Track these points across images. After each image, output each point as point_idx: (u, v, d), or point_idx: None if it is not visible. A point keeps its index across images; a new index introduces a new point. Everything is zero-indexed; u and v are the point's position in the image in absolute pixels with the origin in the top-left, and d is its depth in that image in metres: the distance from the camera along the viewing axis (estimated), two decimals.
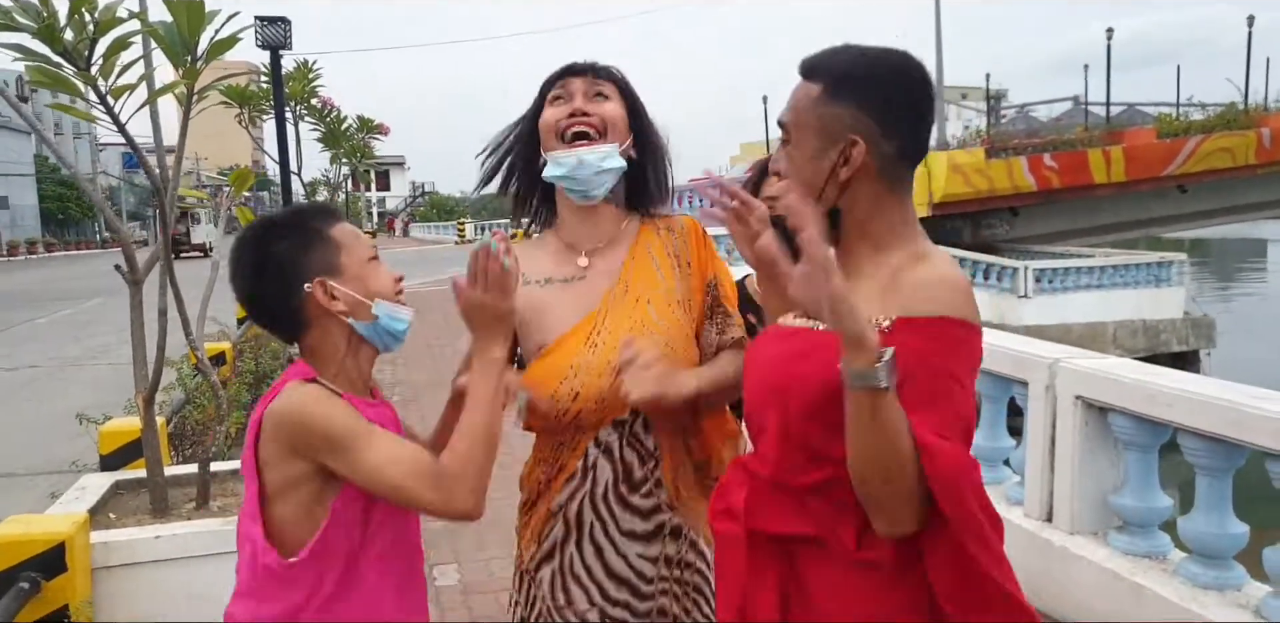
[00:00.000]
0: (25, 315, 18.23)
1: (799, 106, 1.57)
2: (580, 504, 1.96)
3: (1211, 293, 33.99)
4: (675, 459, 1.99)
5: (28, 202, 51.76)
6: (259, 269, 1.74)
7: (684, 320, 2.00)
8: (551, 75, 2.04)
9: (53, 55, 2.95)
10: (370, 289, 1.76)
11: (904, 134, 1.55)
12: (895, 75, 1.54)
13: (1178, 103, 32.80)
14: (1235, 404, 3.21)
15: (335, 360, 1.78)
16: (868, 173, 1.54)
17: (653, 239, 2.08)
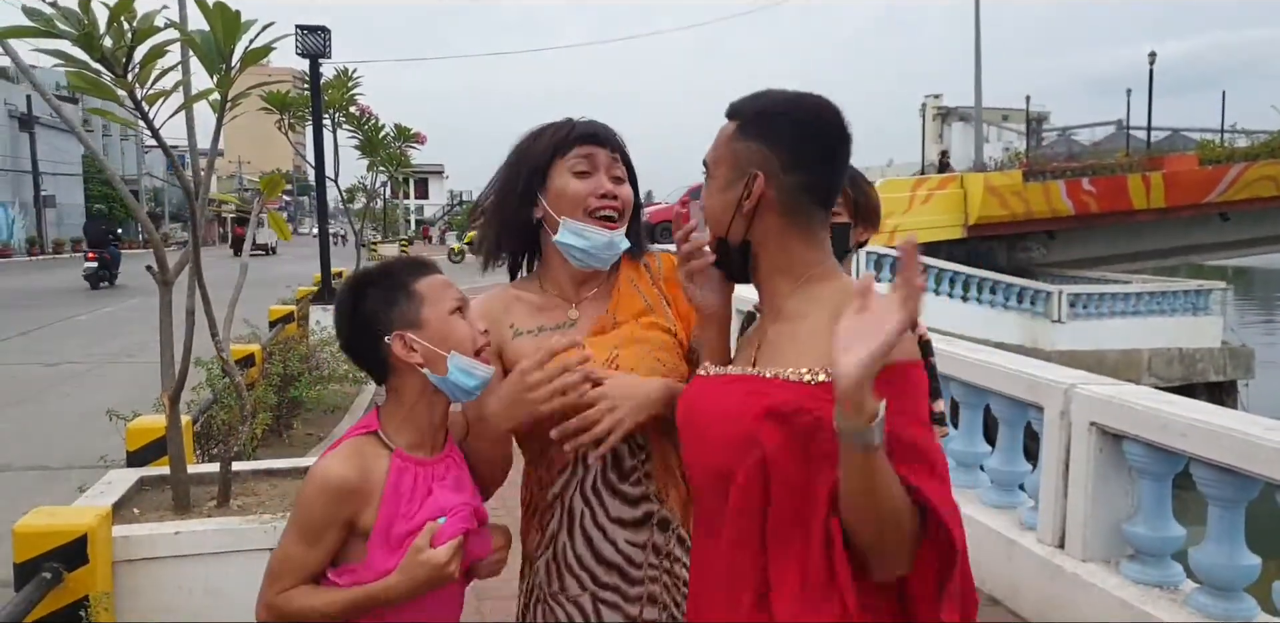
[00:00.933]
0: (67, 312, 18.53)
1: (716, 143, 1.68)
2: (573, 493, 2.00)
3: (1253, 323, 33.49)
4: (664, 457, 2.01)
5: (75, 201, 52.54)
6: (350, 321, 1.89)
7: (669, 338, 2.04)
8: (572, 136, 2.01)
9: (91, 62, 3.04)
10: (449, 343, 1.85)
11: (807, 171, 1.61)
12: (804, 115, 1.62)
13: (1222, 129, 32.49)
14: (1248, 436, 3.21)
15: (408, 405, 1.89)
16: (770, 206, 1.62)
17: (635, 273, 2.13)
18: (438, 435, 1.94)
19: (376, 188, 16.34)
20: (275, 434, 7.39)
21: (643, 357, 1.99)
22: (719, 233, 1.69)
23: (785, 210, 1.62)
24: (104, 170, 4.06)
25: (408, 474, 1.86)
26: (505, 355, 2.03)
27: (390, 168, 15.01)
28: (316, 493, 1.80)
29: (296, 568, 1.81)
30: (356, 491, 1.81)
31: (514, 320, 2.07)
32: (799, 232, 1.64)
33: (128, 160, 59.43)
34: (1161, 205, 26.09)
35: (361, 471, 1.82)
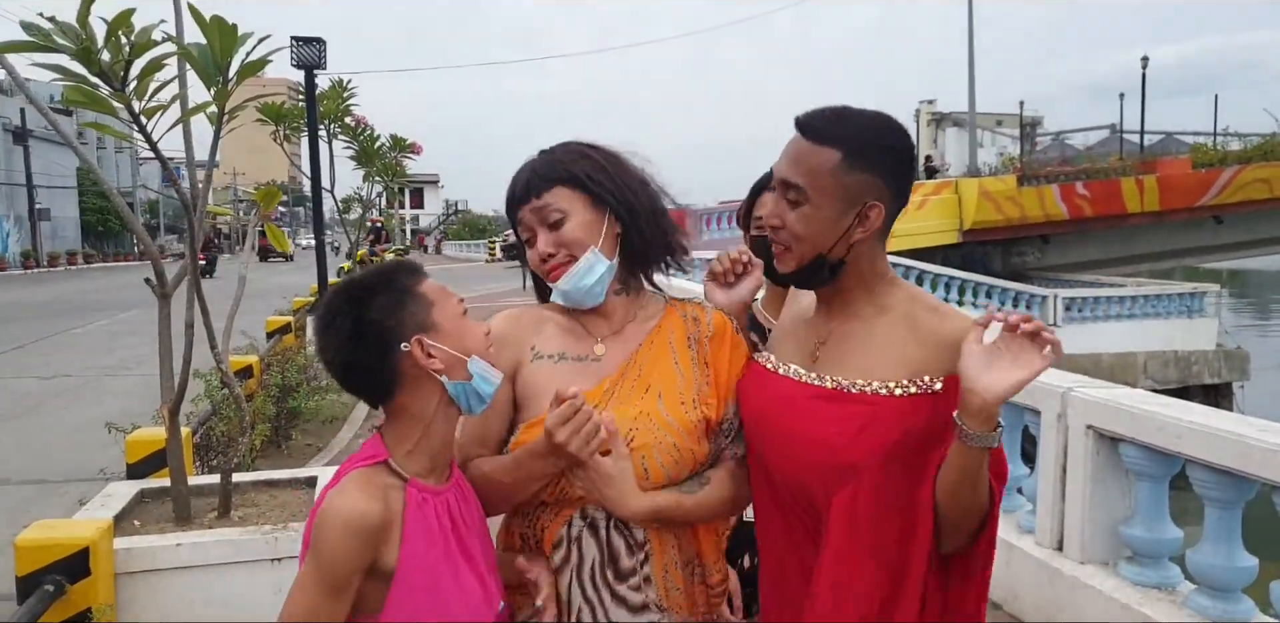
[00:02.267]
0: (63, 325, 18.50)
1: (816, 170, 1.69)
2: (570, 581, 1.84)
3: (1247, 325, 33.55)
4: (665, 555, 1.85)
5: (69, 214, 52.55)
6: (356, 334, 1.66)
7: (693, 419, 1.83)
8: (509, 207, 1.93)
9: (89, 76, 3.06)
10: (466, 345, 1.71)
11: (905, 195, 1.74)
12: (902, 144, 1.71)
13: (1215, 132, 32.62)
14: (1244, 437, 3.23)
15: (422, 423, 1.71)
16: (876, 231, 1.72)
17: (676, 326, 1.94)
18: (447, 457, 1.77)
19: (372, 198, 16.36)
20: (274, 445, 7.40)
21: (659, 441, 1.80)
22: (819, 251, 1.73)
23: (884, 230, 1.74)
24: (100, 183, 4.08)
25: (427, 507, 1.68)
26: (519, 377, 1.90)
27: (386, 178, 15.02)
28: (340, 536, 1.58)
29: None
30: (381, 529, 1.61)
31: (536, 342, 1.93)
32: (880, 247, 1.78)
33: (122, 173, 59.43)
34: (1155, 209, 26.18)
35: (384, 506, 1.62)
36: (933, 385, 1.65)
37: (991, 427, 1.54)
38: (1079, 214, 25.90)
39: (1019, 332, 1.52)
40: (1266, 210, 27.16)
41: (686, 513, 1.82)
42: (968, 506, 1.60)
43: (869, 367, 1.71)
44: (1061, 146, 44.27)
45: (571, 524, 1.83)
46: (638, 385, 1.85)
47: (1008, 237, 26.43)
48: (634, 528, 1.82)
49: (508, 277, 26.33)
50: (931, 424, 1.63)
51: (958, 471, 1.57)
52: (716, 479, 1.87)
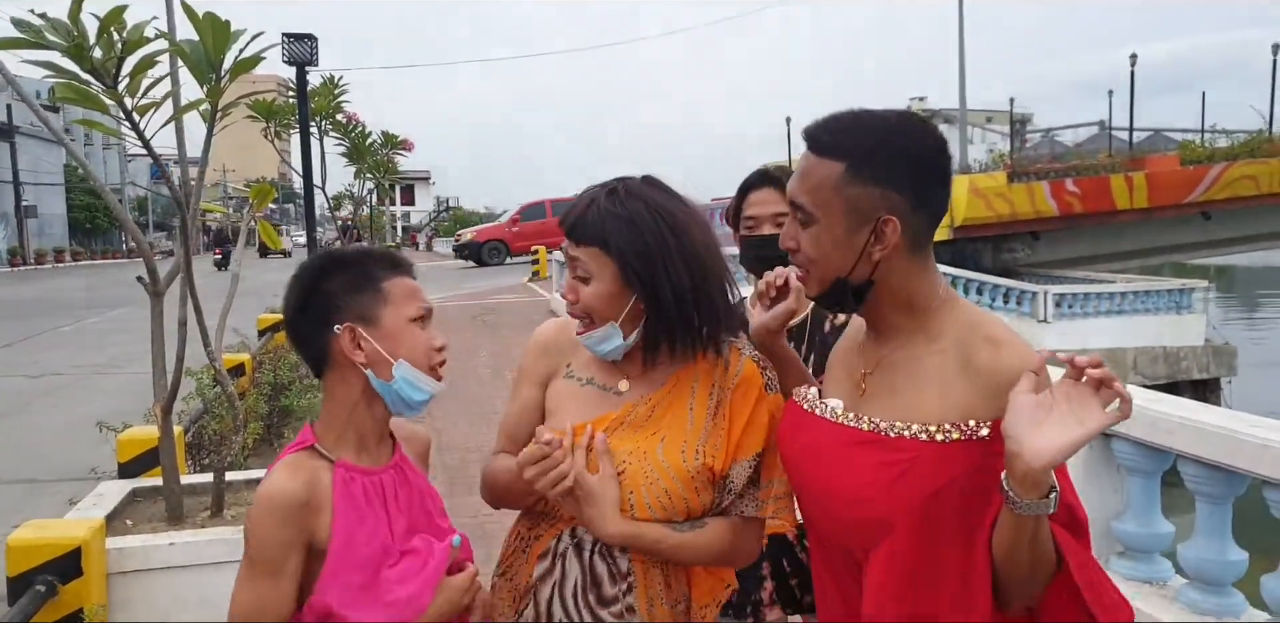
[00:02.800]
0: (51, 323, 18.42)
1: (820, 186, 1.54)
2: (551, 594, 1.83)
3: (1235, 321, 33.70)
4: (650, 589, 1.82)
5: (56, 211, 52.30)
6: (304, 299, 1.74)
7: (691, 468, 1.77)
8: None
9: (81, 72, 3.04)
10: (400, 350, 1.71)
11: (933, 203, 1.55)
12: (917, 147, 1.53)
13: (1203, 129, 32.74)
14: (1235, 433, 3.24)
15: (346, 408, 1.75)
16: (899, 247, 1.54)
17: (705, 372, 1.86)
18: (381, 444, 1.80)
19: (363, 195, 16.33)
20: (267, 444, 7.37)
21: (650, 482, 1.76)
22: (838, 275, 1.57)
23: (912, 246, 1.55)
24: (91, 180, 4.06)
25: (355, 485, 1.71)
26: (550, 387, 1.93)
27: (377, 175, 14.99)
28: (262, 515, 1.63)
29: (270, 611, 1.63)
30: (304, 506, 1.64)
31: (574, 360, 1.93)
32: (920, 264, 1.58)
33: (110, 169, 59.18)
34: (1144, 205, 26.26)
35: (305, 485, 1.66)
36: (978, 431, 1.47)
37: (1042, 493, 1.34)
38: (1069, 211, 25.97)
39: (1084, 379, 1.33)
40: (1254, 207, 27.26)
41: (670, 549, 1.77)
42: (1029, 570, 1.42)
43: (912, 405, 1.54)
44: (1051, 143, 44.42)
45: (560, 540, 1.84)
46: (647, 425, 1.82)
47: (998, 233, 26.49)
48: (618, 558, 1.81)
49: (496, 274, 26.31)
50: (976, 475, 1.46)
51: (1011, 534, 1.39)
52: (714, 527, 1.81)
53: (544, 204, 31.43)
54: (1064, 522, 1.44)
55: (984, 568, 1.45)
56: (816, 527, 1.68)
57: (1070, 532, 1.45)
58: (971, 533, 1.45)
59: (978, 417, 1.48)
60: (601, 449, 1.75)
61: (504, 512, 2.00)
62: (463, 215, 70.71)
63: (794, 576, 2.49)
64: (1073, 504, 1.46)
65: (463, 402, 9.52)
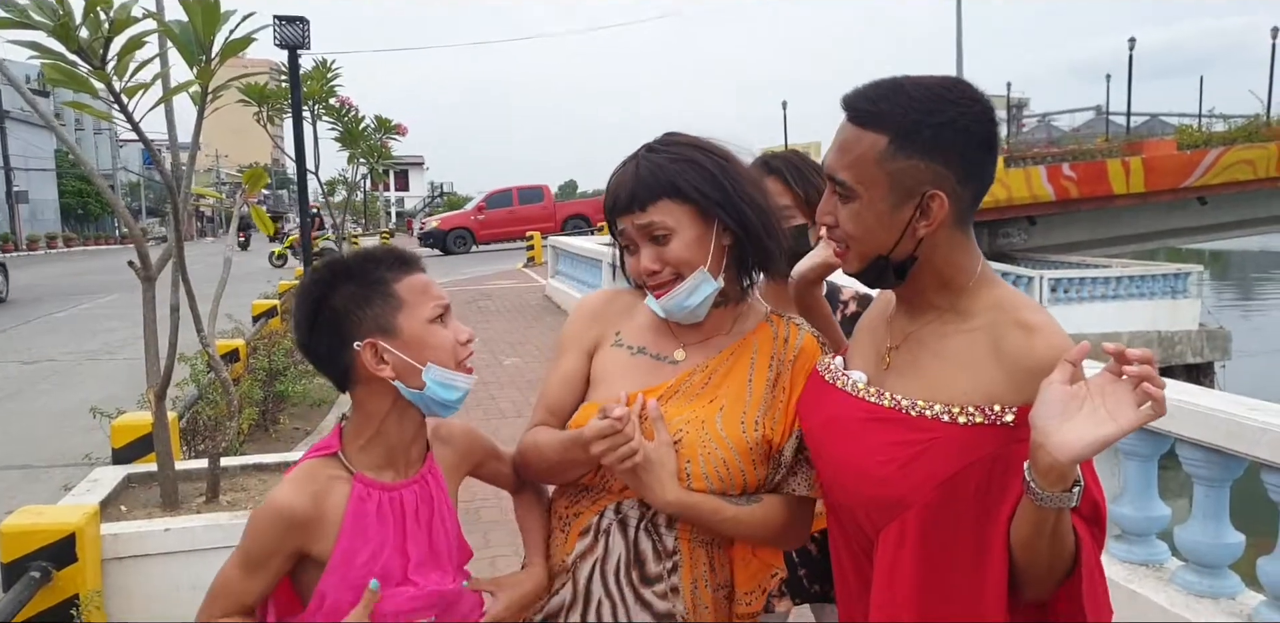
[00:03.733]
0: (43, 310, 18.39)
1: (862, 160, 1.46)
2: (591, 571, 1.79)
3: (1229, 305, 33.77)
4: (695, 570, 1.79)
5: (48, 196, 52.12)
6: (313, 318, 1.64)
7: (751, 440, 1.74)
8: (611, 215, 1.82)
9: (68, 53, 3.00)
10: (424, 354, 1.63)
11: (981, 176, 1.47)
12: (964, 118, 1.44)
13: (1200, 113, 32.73)
14: (1233, 416, 3.23)
15: (375, 421, 1.68)
16: (945, 222, 1.47)
17: (764, 343, 1.84)
18: (410, 454, 1.73)
19: (357, 180, 16.27)
20: (262, 429, 7.37)
21: (708, 452, 1.72)
22: (879, 252, 1.51)
23: (957, 221, 1.49)
24: (81, 165, 4.02)
25: (370, 502, 1.65)
26: (596, 356, 1.88)
27: (371, 160, 14.93)
28: (262, 519, 1.63)
29: (233, 594, 1.66)
30: (307, 521, 1.61)
31: (623, 328, 1.88)
32: (961, 240, 1.52)
33: (102, 154, 58.93)
34: (1141, 190, 26.29)
35: (315, 498, 1.63)
36: (1002, 417, 1.41)
37: (1065, 486, 1.28)
38: (1065, 195, 25.98)
39: (1124, 375, 1.26)
40: (1250, 191, 27.29)
41: (726, 522, 1.73)
42: (1048, 562, 1.37)
43: (937, 384, 1.48)
44: (1048, 128, 44.34)
45: (604, 516, 1.79)
46: (703, 393, 1.79)
47: (994, 218, 26.50)
48: (664, 535, 1.77)
49: (495, 260, 26.27)
50: (996, 461, 1.40)
51: (1031, 526, 1.34)
52: (770, 503, 1.77)
53: (510, 191, 30.99)
54: (1087, 516, 1.39)
55: (1000, 558, 1.40)
56: (834, 504, 1.64)
57: (1090, 526, 1.40)
58: (988, 521, 1.40)
59: (1003, 402, 1.42)
60: (655, 415, 1.70)
61: (499, 497, 1.96)
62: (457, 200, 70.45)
63: (803, 566, 2.46)
64: (1097, 499, 1.40)
65: None
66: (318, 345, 1.65)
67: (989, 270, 1.55)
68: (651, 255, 1.75)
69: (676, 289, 1.75)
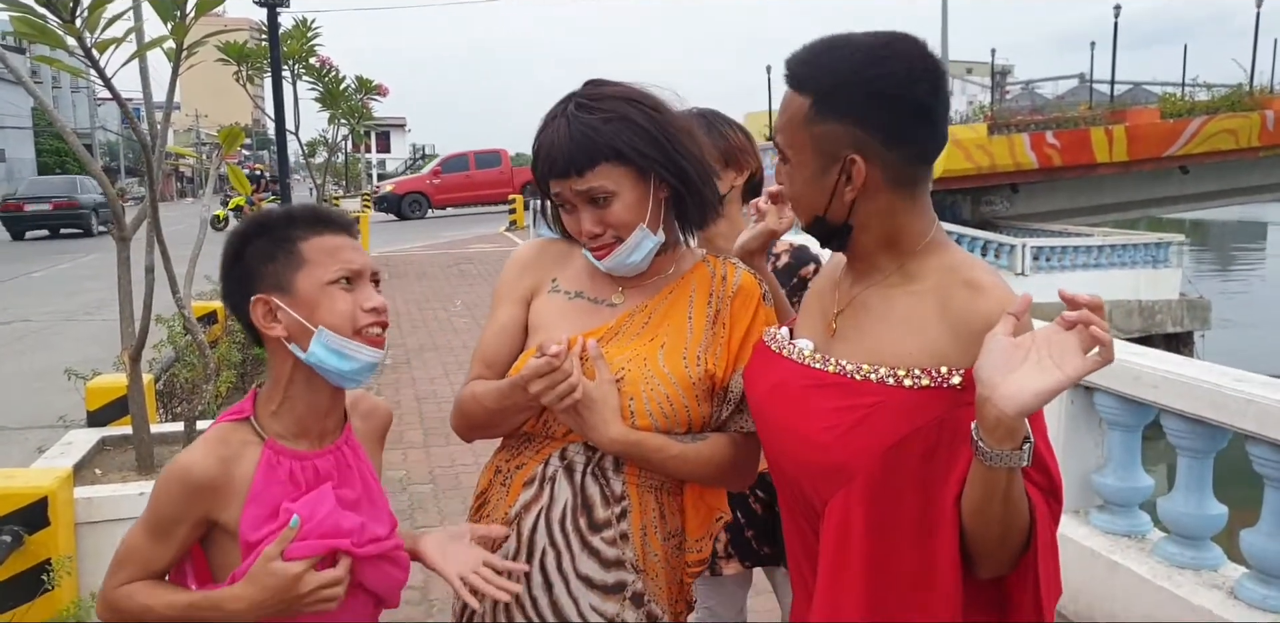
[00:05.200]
0: (21, 269, 18.20)
1: (789, 123, 1.46)
2: (535, 521, 1.76)
3: (1209, 275, 33.96)
4: (644, 516, 1.77)
5: (25, 155, 51.42)
6: (228, 268, 1.64)
7: (694, 375, 1.74)
8: (538, 174, 1.78)
9: (37, 6, 2.90)
10: (318, 316, 1.57)
11: (911, 138, 1.42)
12: (889, 77, 1.39)
13: (1183, 82, 32.68)
14: (1218, 387, 3.22)
15: (282, 386, 1.64)
16: (875, 186, 1.43)
17: (702, 281, 1.84)
18: (325, 423, 1.67)
19: (338, 141, 16.07)
20: (239, 392, 7.29)
21: (651, 388, 1.71)
22: (815, 213, 1.49)
23: (892, 185, 1.44)
24: (55, 123, 3.93)
25: (280, 469, 1.60)
26: (533, 305, 1.85)
27: (352, 120, 14.73)
28: (167, 484, 1.57)
29: (140, 561, 1.60)
30: (212, 487, 1.56)
31: (559, 275, 1.87)
32: (907, 204, 1.47)
33: (80, 113, 58.11)
34: (1124, 159, 26.29)
35: (222, 463, 1.57)
36: (949, 379, 1.37)
37: (1015, 444, 1.24)
38: (1048, 163, 25.95)
39: (1066, 321, 1.22)
40: (1232, 160, 27.34)
41: (672, 460, 1.72)
42: (1000, 531, 1.32)
43: (883, 347, 1.44)
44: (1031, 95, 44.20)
45: (549, 463, 1.77)
46: (644, 332, 1.78)
47: (977, 185, 26.46)
48: (612, 479, 1.75)
49: (475, 224, 26.10)
50: (944, 426, 1.36)
51: (980, 489, 1.29)
52: (715, 440, 1.77)
53: (467, 156, 30.57)
54: (1042, 486, 1.36)
55: (951, 528, 1.35)
56: (779, 472, 1.60)
57: (1046, 496, 1.36)
58: (938, 490, 1.36)
59: (950, 363, 1.38)
60: (595, 354, 1.70)
61: (478, 464, 1.91)
62: None
63: (749, 528, 2.45)
64: (1050, 467, 1.37)
65: (440, 352, 9.46)
66: (231, 297, 1.65)
67: (943, 235, 1.52)
68: (593, 219, 1.74)
69: (618, 250, 1.75)
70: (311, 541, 1.55)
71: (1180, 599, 3.30)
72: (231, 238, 1.64)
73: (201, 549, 1.64)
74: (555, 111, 1.76)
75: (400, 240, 21.26)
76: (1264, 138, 26.76)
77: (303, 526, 1.55)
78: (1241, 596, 3.22)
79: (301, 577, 1.53)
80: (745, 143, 2.49)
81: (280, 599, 1.53)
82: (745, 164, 2.48)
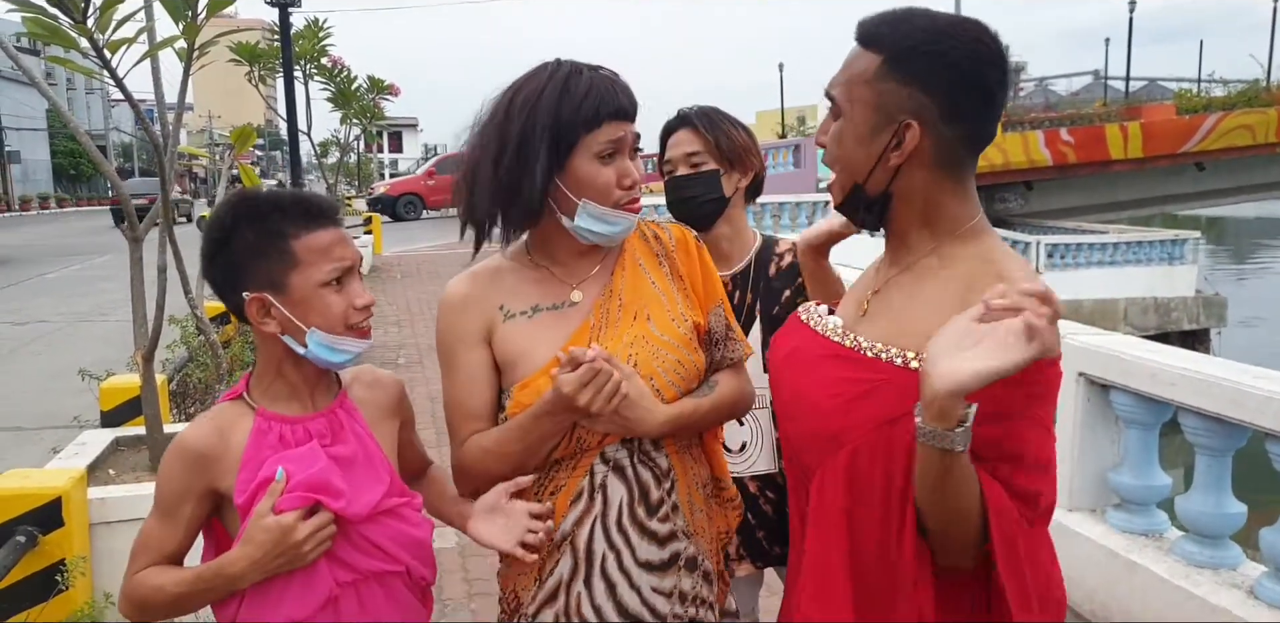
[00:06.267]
0: (35, 271, 18.30)
1: (853, 78, 1.44)
2: (591, 532, 1.73)
3: (1225, 272, 33.78)
4: (688, 479, 1.81)
5: (40, 156, 51.75)
6: (213, 255, 1.63)
7: (685, 331, 1.78)
8: (603, 113, 1.68)
9: (48, 6, 2.91)
10: (311, 317, 1.60)
11: (969, 119, 1.42)
12: (965, 54, 1.39)
13: (1199, 78, 32.53)
14: (1237, 384, 3.18)
15: (274, 363, 1.67)
16: (922, 159, 1.42)
17: (638, 245, 1.86)
18: (317, 389, 1.70)
19: (350, 141, 16.11)
20: None
21: (661, 360, 1.74)
22: (855, 180, 1.47)
23: (939, 163, 1.43)
24: (67, 124, 3.94)
25: (271, 434, 1.63)
26: (495, 341, 1.76)
27: (363, 120, 14.75)
28: (169, 461, 1.61)
29: (154, 546, 1.63)
30: (211, 456, 1.60)
31: (503, 300, 1.78)
32: (951, 185, 1.45)
33: (94, 114, 58.43)
34: (1139, 155, 26.18)
35: (219, 432, 1.62)
36: None
37: (948, 424, 1.21)
38: (1062, 160, 25.87)
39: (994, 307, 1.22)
40: (1248, 157, 27.19)
41: (705, 416, 1.78)
42: (941, 521, 1.31)
43: (903, 327, 1.43)
44: (1045, 92, 44.07)
45: (594, 473, 1.74)
46: (624, 314, 1.77)
47: (991, 182, 26.39)
48: (656, 457, 1.76)
49: None
50: None
51: (918, 470, 1.29)
52: (724, 380, 1.84)
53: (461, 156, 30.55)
54: (1021, 496, 1.32)
55: (912, 515, 1.34)
56: (786, 443, 1.61)
57: (1023, 506, 1.32)
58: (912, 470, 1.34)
59: None
60: (605, 354, 1.64)
61: None
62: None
63: (760, 528, 2.44)
64: (1037, 490, 1.33)
65: None
66: (215, 279, 1.65)
67: (987, 225, 1.50)
68: (637, 168, 1.76)
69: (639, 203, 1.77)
70: (299, 493, 1.56)
71: (1199, 599, 3.27)
72: (215, 223, 1.63)
73: (223, 527, 1.66)
74: (569, 67, 1.73)
75: (410, 240, 21.28)
76: None
77: (290, 479, 1.56)
78: (1261, 595, 3.18)
79: (295, 527, 1.54)
80: (749, 142, 2.46)
81: (278, 553, 1.54)
82: (750, 165, 2.45)
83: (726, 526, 1.92)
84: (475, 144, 1.77)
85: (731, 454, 2.36)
